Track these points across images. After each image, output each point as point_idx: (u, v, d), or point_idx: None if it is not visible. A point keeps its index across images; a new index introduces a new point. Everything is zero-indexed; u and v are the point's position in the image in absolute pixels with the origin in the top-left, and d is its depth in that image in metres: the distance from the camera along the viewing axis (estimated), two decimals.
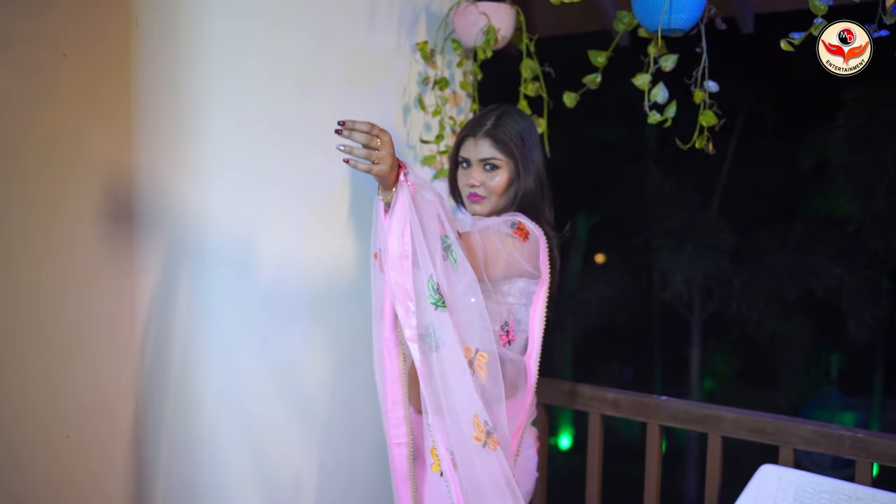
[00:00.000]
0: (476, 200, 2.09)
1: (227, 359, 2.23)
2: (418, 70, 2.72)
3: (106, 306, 2.01)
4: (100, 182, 1.97)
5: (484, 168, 2.07)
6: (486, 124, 2.09)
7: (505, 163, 2.07)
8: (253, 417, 2.29)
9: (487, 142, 2.07)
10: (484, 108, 2.21)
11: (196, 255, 2.16)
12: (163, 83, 2.05)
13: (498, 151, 2.06)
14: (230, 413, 2.24)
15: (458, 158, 2.13)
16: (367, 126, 1.66)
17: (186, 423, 2.16)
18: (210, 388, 2.20)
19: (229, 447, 2.24)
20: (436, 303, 1.73)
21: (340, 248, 2.49)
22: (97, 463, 2.01)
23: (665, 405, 2.46)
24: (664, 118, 2.37)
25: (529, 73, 2.72)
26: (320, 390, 2.45)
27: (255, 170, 2.27)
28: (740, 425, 2.32)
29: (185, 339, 2.15)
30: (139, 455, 2.06)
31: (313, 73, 2.39)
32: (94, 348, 1.98)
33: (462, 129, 2.17)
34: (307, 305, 2.41)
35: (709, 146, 2.39)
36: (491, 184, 2.07)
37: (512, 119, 2.11)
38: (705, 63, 2.32)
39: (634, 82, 2.41)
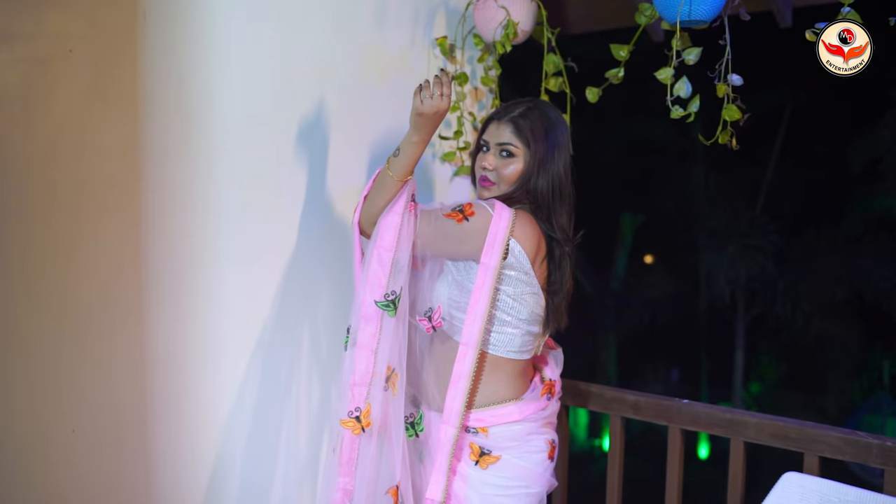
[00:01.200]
0: (485, 185, 2.05)
1: (237, 357, 2.22)
2: (437, 65, 2.68)
3: (111, 301, 2.00)
4: (106, 176, 1.96)
5: (500, 154, 2.03)
6: (513, 111, 2.05)
7: (522, 153, 2.01)
8: (264, 416, 2.27)
9: (509, 128, 2.03)
10: (516, 99, 2.15)
11: (204, 252, 2.14)
12: (171, 77, 2.04)
13: (516, 139, 2.01)
14: (239, 412, 2.22)
15: (480, 142, 2.10)
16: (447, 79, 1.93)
17: (194, 420, 2.15)
18: (218, 386, 2.18)
19: (238, 445, 2.22)
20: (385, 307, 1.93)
21: (352, 246, 2.46)
22: (104, 458, 2.01)
23: (686, 409, 2.39)
24: (687, 113, 2.30)
25: (552, 67, 2.66)
26: (335, 389, 2.43)
27: (266, 167, 2.24)
28: (763, 431, 2.24)
29: (194, 336, 2.14)
30: (146, 451, 2.05)
31: (327, 69, 2.36)
32: (99, 343, 1.98)
33: (489, 115, 2.12)
34: (322, 306, 2.39)
35: (732, 142, 2.31)
36: (504, 171, 2.02)
37: (542, 114, 2.06)
38: (729, 56, 2.24)
39: (657, 76, 2.35)
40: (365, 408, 1.94)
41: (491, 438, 1.97)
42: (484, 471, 1.96)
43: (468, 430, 1.97)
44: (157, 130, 2.04)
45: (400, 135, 2.57)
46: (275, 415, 2.30)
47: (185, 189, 2.12)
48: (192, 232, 2.13)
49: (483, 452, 1.96)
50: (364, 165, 2.48)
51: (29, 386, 1.90)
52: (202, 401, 2.16)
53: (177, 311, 2.11)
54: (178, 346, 2.12)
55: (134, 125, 1.99)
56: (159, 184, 2.05)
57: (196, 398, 2.15)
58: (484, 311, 1.91)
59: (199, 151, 2.12)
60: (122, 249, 2.01)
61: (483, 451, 1.97)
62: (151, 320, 2.06)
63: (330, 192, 2.40)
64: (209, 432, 2.17)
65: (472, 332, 1.91)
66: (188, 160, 2.11)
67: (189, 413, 2.15)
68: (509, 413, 1.98)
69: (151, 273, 2.05)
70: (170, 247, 2.09)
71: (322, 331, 2.41)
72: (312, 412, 2.39)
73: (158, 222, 2.06)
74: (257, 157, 2.23)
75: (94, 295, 1.97)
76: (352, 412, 1.94)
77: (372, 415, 1.93)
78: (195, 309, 2.14)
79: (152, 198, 2.04)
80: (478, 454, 1.96)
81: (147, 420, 2.06)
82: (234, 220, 2.20)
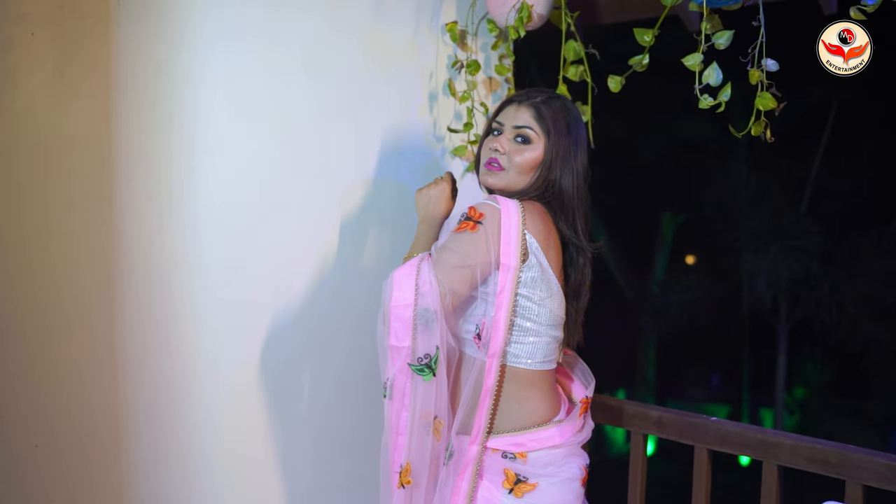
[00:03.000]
0: (493, 169, 1.85)
1: (220, 367, 2.07)
2: (447, 54, 2.50)
3: (80, 304, 1.85)
4: (73, 170, 1.81)
5: (515, 138, 1.85)
6: (535, 97, 1.87)
7: (540, 140, 1.83)
8: (250, 431, 2.12)
9: (530, 111, 1.85)
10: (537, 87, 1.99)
11: (185, 254, 2.00)
12: (148, 64, 1.89)
13: (537, 124, 1.83)
14: (223, 426, 2.07)
15: (493, 125, 1.91)
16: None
17: (173, 435, 2.00)
18: (199, 399, 2.03)
19: (222, 463, 2.07)
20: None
21: (354, 250, 2.30)
22: (71, 476, 1.86)
23: (714, 427, 2.17)
24: (717, 102, 2.10)
25: (572, 54, 2.46)
26: (323, 399, 2.27)
27: (254, 164, 2.09)
28: (800, 454, 2.02)
29: (172, 343, 1.99)
30: (119, 468, 1.90)
31: (323, 56, 2.20)
32: (67, 350, 1.83)
33: (507, 97, 1.95)
34: (317, 313, 2.23)
35: (766, 133, 2.10)
36: (516, 157, 1.83)
37: (564, 106, 1.90)
38: (763, 38, 2.04)
39: (685, 63, 2.15)
40: (405, 465, 1.77)
41: (529, 464, 1.78)
42: (519, 499, 1.77)
43: (505, 455, 1.78)
44: (132, 122, 1.89)
45: (405, 132, 2.41)
46: (262, 430, 2.14)
47: (165, 185, 1.97)
48: (172, 232, 1.98)
49: (519, 480, 1.77)
50: (364, 163, 2.32)
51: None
52: (181, 414, 2.02)
53: (154, 316, 1.96)
54: (154, 353, 1.97)
55: (106, 116, 1.84)
56: (135, 179, 1.90)
57: (175, 411, 2.01)
58: (506, 317, 1.74)
59: (179, 146, 1.97)
60: (93, 249, 1.86)
61: (519, 479, 1.77)
62: (125, 326, 1.90)
63: (326, 192, 2.25)
64: (189, 448, 2.03)
65: (498, 343, 1.75)
66: (168, 155, 1.96)
67: (167, 427, 2.00)
68: (550, 437, 1.80)
69: (126, 275, 1.90)
70: (147, 247, 1.95)
71: (317, 340, 2.24)
72: (303, 427, 2.23)
73: (134, 221, 1.91)
74: (245, 152, 2.08)
75: (60, 298, 1.82)
76: (394, 467, 1.79)
77: (412, 472, 1.78)
78: (174, 314, 2.00)
79: (127, 195, 1.89)
80: (513, 482, 1.77)
81: (120, 434, 1.91)
82: (219, 220, 2.04)
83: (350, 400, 2.33)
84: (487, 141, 1.89)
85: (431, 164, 2.48)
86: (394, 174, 2.39)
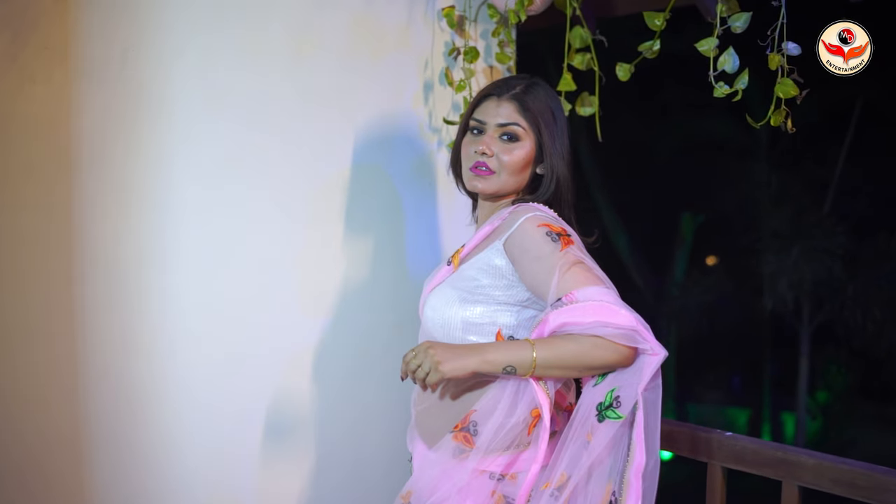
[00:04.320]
0: (482, 174, 1.69)
1: (195, 372, 1.93)
2: (445, 40, 2.35)
3: (36, 310, 1.71)
4: (26, 163, 1.67)
5: (500, 137, 1.69)
6: (514, 87, 1.71)
7: (528, 136, 1.69)
8: (224, 448, 1.97)
9: (513, 105, 1.68)
10: (512, 75, 1.83)
11: (155, 256, 1.86)
12: (113, 47, 1.74)
13: (522, 119, 1.68)
14: (195, 441, 1.93)
15: (471, 122, 1.73)
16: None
17: (139, 450, 1.86)
18: (169, 412, 1.89)
19: (192, 480, 1.93)
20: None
21: (340, 249, 2.15)
22: (28, 493, 1.72)
23: (729, 443, 2.00)
24: (733, 90, 1.95)
25: (579, 41, 2.30)
26: (306, 408, 2.12)
27: (231, 155, 1.95)
28: (823, 475, 1.84)
29: (139, 349, 1.85)
30: (81, 486, 1.76)
31: (307, 41, 2.06)
32: (22, 359, 1.69)
33: (482, 89, 1.77)
34: (301, 320, 2.08)
35: (787, 124, 1.93)
36: (506, 158, 1.68)
37: (545, 92, 1.74)
38: (783, 20, 1.87)
39: (698, 48, 2.00)
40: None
41: (519, 485, 1.61)
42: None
43: (492, 476, 1.61)
44: (95, 111, 1.75)
45: (398, 123, 2.26)
46: (237, 445, 1.99)
47: (132, 181, 1.83)
48: (140, 230, 1.84)
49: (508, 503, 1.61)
50: (353, 156, 2.17)
51: None
52: (150, 427, 1.88)
53: (119, 320, 1.83)
54: (119, 361, 1.83)
55: (65, 104, 1.70)
56: (98, 173, 1.76)
57: (142, 424, 1.87)
58: None
59: (149, 138, 1.84)
60: (51, 248, 1.72)
61: (507, 502, 1.61)
62: (87, 333, 1.76)
63: (311, 187, 2.10)
64: (159, 465, 1.89)
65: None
66: (135, 148, 1.83)
67: (133, 442, 1.86)
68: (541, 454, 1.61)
69: (87, 277, 1.76)
70: (112, 246, 1.81)
71: (299, 346, 2.09)
72: (286, 439, 2.08)
73: (96, 217, 1.77)
74: (220, 144, 1.94)
75: (14, 301, 1.68)
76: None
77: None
78: (142, 319, 1.86)
79: (88, 189, 1.75)
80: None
81: (81, 450, 1.77)
82: (192, 217, 1.91)
83: (335, 408, 2.18)
84: (468, 142, 1.72)
85: (426, 157, 2.32)
86: (385, 167, 2.24)
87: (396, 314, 2.26)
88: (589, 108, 2.35)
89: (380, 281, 2.24)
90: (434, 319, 1.67)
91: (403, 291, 2.26)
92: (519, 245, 1.58)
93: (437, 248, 2.37)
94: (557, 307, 1.49)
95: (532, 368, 1.50)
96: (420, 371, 1.49)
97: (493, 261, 1.62)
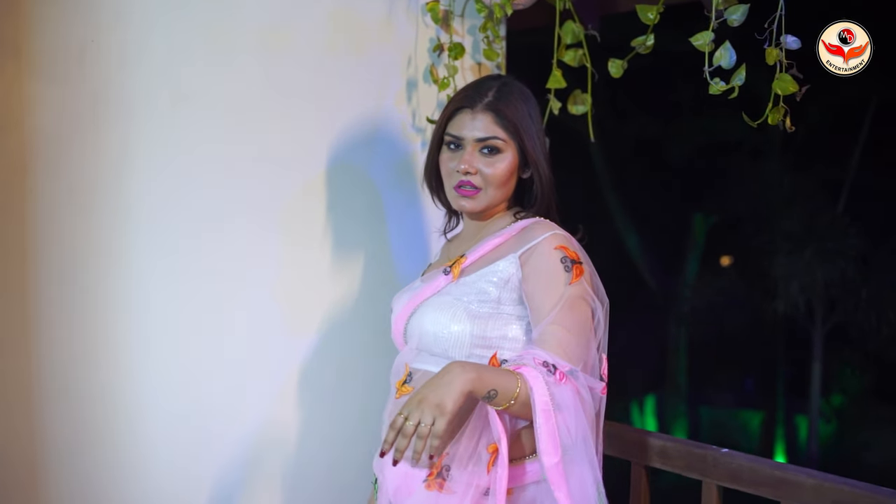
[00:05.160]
0: (469, 194, 1.63)
1: (161, 389, 1.84)
2: (430, 36, 2.25)
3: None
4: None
5: (481, 151, 1.62)
6: (486, 95, 1.63)
7: (509, 146, 1.63)
8: (193, 468, 1.88)
9: (489, 117, 1.61)
10: (480, 78, 1.75)
11: (117, 260, 1.77)
12: (70, 42, 1.65)
13: (501, 130, 1.61)
14: (161, 460, 1.84)
15: (446, 137, 1.66)
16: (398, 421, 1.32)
17: (102, 471, 1.77)
18: (135, 428, 1.80)
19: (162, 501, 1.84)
20: None
21: (317, 257, 2.06)
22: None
23: (725, 461, 1.89)
24: (729, 87, 1.85)
25: (571, 37, 2.20)
26: (281, 427, 2.03)
27: (198, 157, 1.86)
28: (824, 496, 1.73)
29: (100, 364, 1.76)
30: (37, 499, 1.68)
31: (280, 36, 1.97)
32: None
33: (452, 99, 1.70)
34: (270, 326, 1.99)
35: (786, 122, 1.84)
36: (489, 172, 1.62)
37: (518, 92, 1.67)
38: (782, 10, 1.77)
39: (693, 42, 1.91)
40: None
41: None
42: None
43: (488, 492, 1.50)
44: (51, 112, 1.67)
45: (379, 122, 2.17)
46: (205, 465, 1.90)
47: (93, 186, 1.75)
48: (100, 236, 1.76)
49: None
50: (330, 158, 2.08)
51: None
52: (113, 449, 1.79)
53: (78, 333, 1.74)
54: (80, 377, 1.75)
55: (19, 102, 1.62)
56: (54, 174, 1.68)
57: (104, 445, 1.78)
58: None
59: (109, 140, 1.76)
60: (3, 258, 1.64)
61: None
62: (45, 345, 1.68)
63: (285, 191, 2.01)
64: (119, 484, 1.80)
65: None
66: (95, 150, 1.74)
67: (95, 462, 1.77)
68: (535, 470, 1.53)
69: (43, 286, 1.68)
70: (69, 254, 1.72)
71: (277, 363, 2.01)
72: (259, 459, 1.99)
73: (53, 222, 1.69)
74: (186, 144, 1.85)
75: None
76: None
77: None
78: (104, 331, 1.78)
79: (45, 191, 1.67)
80: None
81: (37, 470, 1.68)
82: (158, 221, 1.82)
83: (312, 424, 2.09)
84: (447, 158, 1.65)
85: (409, 159, 2.23)
86: (365, 170, 2.15)
87: (382, 324, 2.16)
88: (581, 106, 2.25)
89: (363, 289, 2.15)
90: (438, 335, 1.58)
91: (388, 300, 2.17)
92: (534, 263, 1.55)
93: (425, 253, 2.27)
94: (538, 359, 1.43)
95: (510, 401, 1.39)
96: (423, 426, 1.28)
97: (507, 273, 1.58)
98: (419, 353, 1.64)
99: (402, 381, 1.65)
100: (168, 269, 1.84)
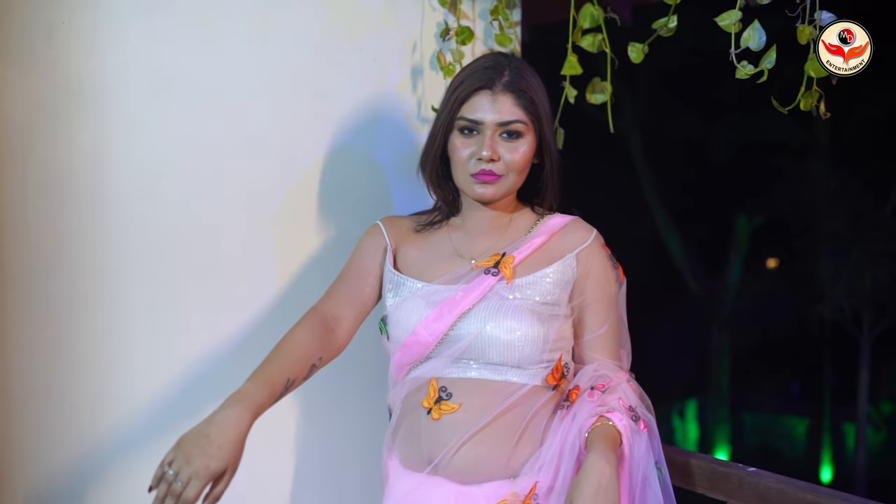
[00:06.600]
0: (489, 180, 1.52)
1: (140, 391, 1.73)
2: (437, 20, 2.12)
3: None
4: None
5: (500, 135, 1.51)
6: (503, 74, 1.52)
7: (529, 130, 1.54)
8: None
9: (510, 98, 1.51)
10: (485, 56, 1.62)
11: (93, 255, 1.66)
12: (37, 27, 1.55)
13: (523, 112, 1.52)
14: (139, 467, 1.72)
15: (458, 122, 1.53)
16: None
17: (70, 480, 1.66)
18: (111, 434, 1.70)
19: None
20: None
21: (313, 253, 1.94)
22: None
23: (752, 480, 1.73)
24: (758, 70, 1.71)
25: (589, 21, 2.05)
26: (268, 431, 1.92)
27: (179, 147, 1.75)
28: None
29: (73, 365, 1.65)
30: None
31: (273, 20, 1.85)
32: None
33: (461, 80, 1.55)
34: (262, 325, 1.88)
35: (820, 107, 1.68)
36: (511, 157, 1.52)
37: (531, 71, 1.57)
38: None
39: (718, 22, 1.77)
40: None
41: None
42: None
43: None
44: (15, 98, 1.56)
45: (381, 112, 2.04)
46: None
47: (65, 177, 1.64)
48: (73, 229, 1.65)
49: None
50: (327, 149, 1.96)
51: None
52: (83, 456, 1.68)
53: (51, 333, 1.63)
54: (53, 381, 1.64)
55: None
56: (22, 164, 1.58)
57: (80, 451, 1.67)
58: None
59: (82, 128, 1.65)
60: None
61: None
62: (15, 349, 1.58)
63: (281, 184, 1.90)
64: (100, 493, 1.70)
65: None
66: (67, 139, 1.63)
67: (73, 471, 1.67)
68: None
69: (12, 282, 1.58)
70: (40, 248, 1.62)
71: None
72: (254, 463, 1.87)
73: (21, 215, 1.58)
74: (167, 133, 1.74)
75: None
76: None
77: None
78: (77, 331, 1.67)
79: (12, 183, 1.57)
80: None
81: (7, 477, 1.58)
82: (136, 215, 1.71)
83: (311, 421, 1.99)
84: (461, 144, 1.53)
85: (414, 151, 2.09)
86: (366, 162, 2.02)
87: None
88: (601, 94, 2.10)
89: None
90: (512, 342, 1.48)
91: None
92: (590, 264, 1.58)
93: None
94: (624, 403, 1.49)
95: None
96: None
97: (566, 274, 1.56)
98: (458, 361, 1.51)
99: (433, 399, 1.52)
100: (149, 266, 1.73)
